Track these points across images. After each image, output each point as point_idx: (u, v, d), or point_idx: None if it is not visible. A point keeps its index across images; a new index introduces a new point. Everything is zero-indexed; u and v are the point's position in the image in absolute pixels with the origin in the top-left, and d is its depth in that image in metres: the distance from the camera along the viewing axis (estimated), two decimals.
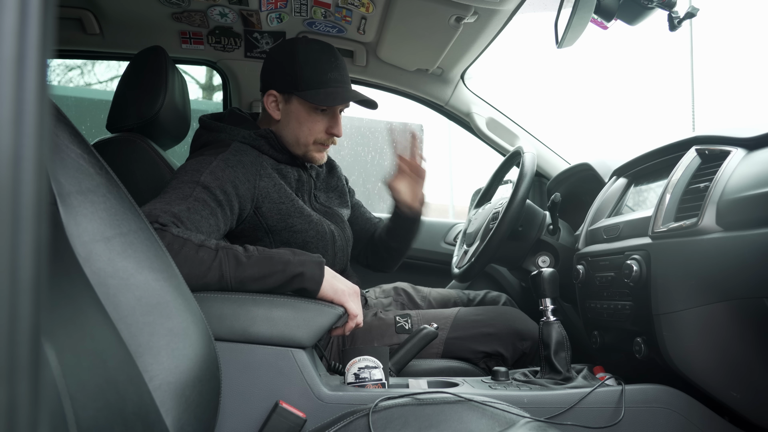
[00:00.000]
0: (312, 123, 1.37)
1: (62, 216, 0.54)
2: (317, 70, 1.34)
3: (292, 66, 1.35)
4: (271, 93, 1.38)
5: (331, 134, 1.39)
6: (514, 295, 1.87)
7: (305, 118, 1.36)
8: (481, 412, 0.85)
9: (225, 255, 1.05)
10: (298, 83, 1.34)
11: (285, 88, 1.36)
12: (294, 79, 1.35)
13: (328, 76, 1.35)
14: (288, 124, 1.38)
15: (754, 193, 0.91)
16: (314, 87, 1.34)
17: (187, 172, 1.21)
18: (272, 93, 1.38)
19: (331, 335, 1.27)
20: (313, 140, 1.38)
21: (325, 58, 1.36)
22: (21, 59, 0.24)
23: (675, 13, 1.26)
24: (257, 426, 0.98)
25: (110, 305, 0.56)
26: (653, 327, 1.08)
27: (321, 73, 1.34)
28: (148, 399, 0.56)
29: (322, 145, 1.40)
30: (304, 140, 1.38)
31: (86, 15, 1.82)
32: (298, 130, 1.37)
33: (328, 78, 1.35)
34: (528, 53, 6.34)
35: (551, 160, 2.02)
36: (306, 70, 1.34)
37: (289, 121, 1.38)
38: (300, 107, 1.36)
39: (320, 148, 1.40)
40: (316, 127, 1.37)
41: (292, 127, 1.37)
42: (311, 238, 1.34)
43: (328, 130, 1.38)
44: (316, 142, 1.39)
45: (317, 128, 1.37)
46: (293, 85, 1.35)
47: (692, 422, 1.07)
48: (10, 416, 0.23)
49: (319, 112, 1.37)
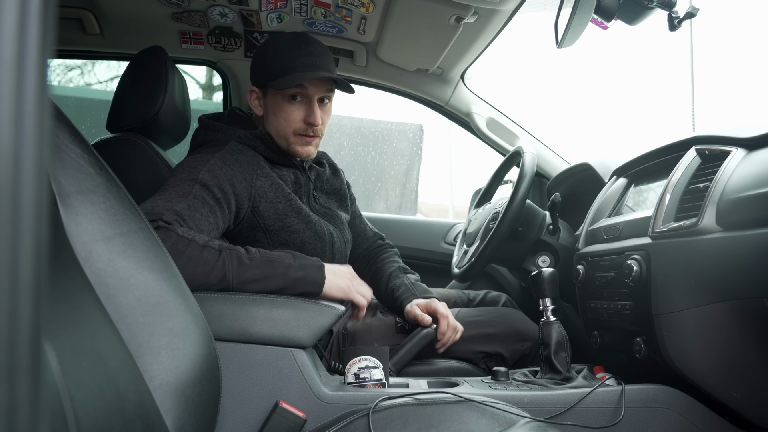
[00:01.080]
0: (288, 113, 1.35)
1: (62, 216, 0.54)
2: (285, 57, 1.34)
3: (264, 59, 1.37)
4: (252, 90, 1.40)
5: (308, 123, 1.35)
6: (514, 295, 1.87)
7: (280, 109, 1.36)
8: (481, 412, 0.85)
9: (228, 255, 1.06)
10: (269, 74, 1.35)
11: (260, 82, 1.38)
12: (266, 71, 1.36)
13: (296, 62, 1.33)
14: (268, 118, 1.39)
15: (754, 193, 0.91)
16: (281, 74, 1.33)
17: (185, 169, 1.22)
18: (253, 89, 1.40)
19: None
20: (292, 130, 1.36)
21: (295, 45, 1.35)
22: (21, 59, 0.24)
23: (675, 13, 1.26)
24: (257, 426, 0.98)
25: (110, 305, 0.56)
26: (653, 327, 1.08)
27: (289, 60, 1.33)
28: (148, 399, 0.56)
29: (303, 136, 1.36)
30: (283, 132, 1.36)
31: (86, 15, 1.82)
32: (276, 122, 1.37)
33: (296, 64, 1.33)
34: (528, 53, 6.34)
35: (551, 160, 2.02)
36: (275, 60, 1.35)
37: (269, 114, 1.39)
38: (274, 98, 1.36)
39: (302, 140, 1.37)
40: (292, 116, 1.35)
41: (272, 120, 1.38)
42: (309, 239, 1.34)
43: (305, 119, 1.35)
44: (296, 133, 1.36)
45: (293, 118, 1.35)
46: (265, 76, 1.36)
47: (692, 422, 1.07)
48: (10, 416, 0.23)
49: (295, 102, 1.35)
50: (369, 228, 1.68)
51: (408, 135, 5.05)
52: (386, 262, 1.60)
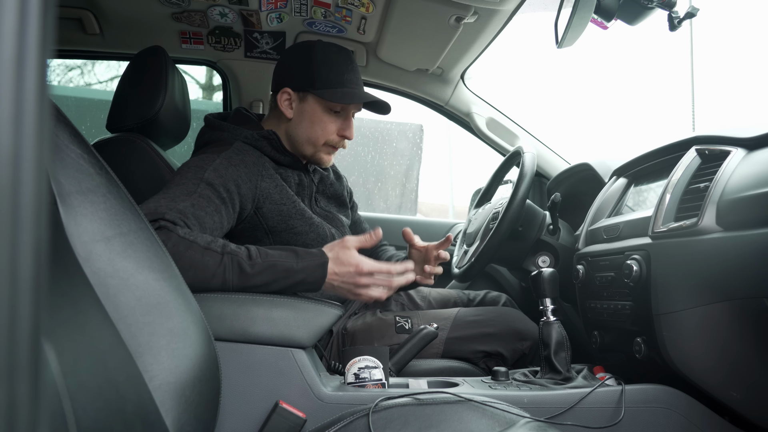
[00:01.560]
0: (325, 123, 1.37)
1: (62, 216, 0.54)
2: (334, 70, 1.35)
3: (309, 65, 1.36)
4: (285, 90, 1.38)
5: (343, 136, 1.40)
6: (514, 295, 1.87)
7: (319, 118, 1.37)
8: (481, 412, 0.85)
9: (230, 261, 1.05)
10: (314, 81, 1.35)
11: (301, 86, 1.37)
12: (311, 77, 1.35)
13: (344, 76, 1.36)
14: (300, 123, 1.38)
15: (754, 193, 0.91)
16: (331, 86, 1.34)
17: (191, 168, 1.21)
18: (287, 90, 1.38)
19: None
20: (324, 141, 1.39)
21: (342, 59, 1.38)
22: (21, 59, 0.24)
23: (675, 13, 1.26)
24: (257, 426, 0.98)
25: (110, 305, 0.56)
26: (653, 327, 1.08)
27: (338, 73, 1.35)
28: (148, 399, 0.56)
29: (332, 147, 1.41)
30: (315, 140, 1.38)
31: (86, 15, 1.82)
32: (311, 129, 1.38)
33: (345, 78, 1.36)
34: (528, 53, 6.34)
35: (551, 160, 2.02)
36: (323, 70, 1.35)
37: (302, 120, 1.38)
38: (315, 106, 1.37)
39: (330, 150, 1.41)
40: (329, 127, 1.38)
41: (305, 126, 1.38)
42: (311, 241, 1.34)
43: (340, 131, 1.39)
44: (327, 144, 1.39)
45: (330, 129, 1.38)
46: (310, 83, 1.35)
47: (692, 422, 1.07)
48: (10, 416, 0.23)
49: (333, 114, 1.38)
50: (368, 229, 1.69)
51: (408, 135, 5.05)
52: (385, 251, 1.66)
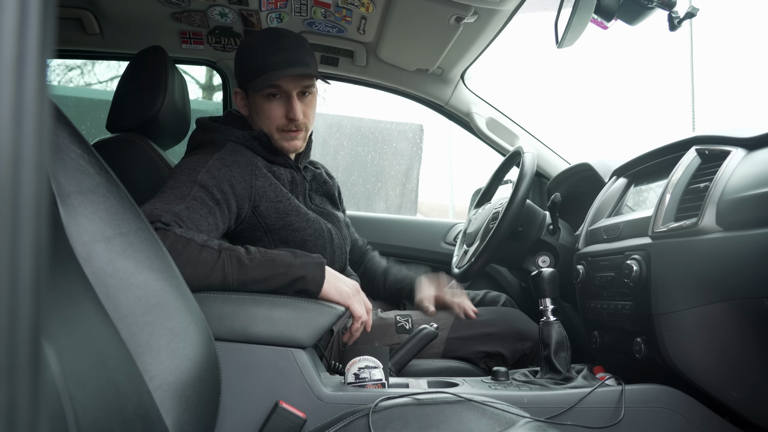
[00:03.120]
0: (269, 111, 1.36)
1: (62, 216, 0.54)
2: (258, 57, 1.35)
3: (241, 60, 1.39)
4: (236, 91, 1.42)
5: (289, 119, 1.36)
6: (514, 295, 1.87)
7: (260, 108, 1.37)
8: (481, 412, 0.85)
9: (228, 257, 1.06)
10: (246, 75, 1.37)
11: (241, 84, 1.40)
12: (243, 72, 1.38)
13: (268, 60, 1.34)
14: (254, 118, 1.40)
15: (754, 193, 0.91)
16: (257, 75, 1.34)
17: (184, 171, 1.22)
18: (237, 91, 1.42)
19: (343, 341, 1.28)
20: (275, 127, 1.37)
21: (267, 43, 1.35)
22: (21, 59, 0.24)
23: (675, 13, 1.26)
24: (257, 426, 0.98)
25: (110, 305, 0.56)
26: (653, 327, 1.08)
27: (261, 59, 1.34)
28: (148, 399, 0.56)
29: (286, 132, 1.38)
30: (267, 129, 1.38)
31: (86, 15, 1.82)
32: (261, 120, 1.38)
33: (269, 62, 1.33)
34: (528, 53, 6.34)
35: (551, 160, 2.02)
36: (249, 60, 1.36)
37: (254, 114, 1.40)
38: (254, 98, 1.38)
39: (286, 135, 1.38)
40: (273, 114, 1.36)
41: (257, 119, 1.39)
42: (309, 237, 1.34)
43: (287, 115, 1.36)
44: (280, 130, 1.37)
45: (274, 115, 1.36)
46: (244, 78, 1.38)
47: (692, 422, 1.07)
48: (10, 416, 0.23)
49: (274, 100, 1.36)
50: (357, 236, 1.75)
51: (408, 135, 5.05)
52: (374, 261, 1.69)
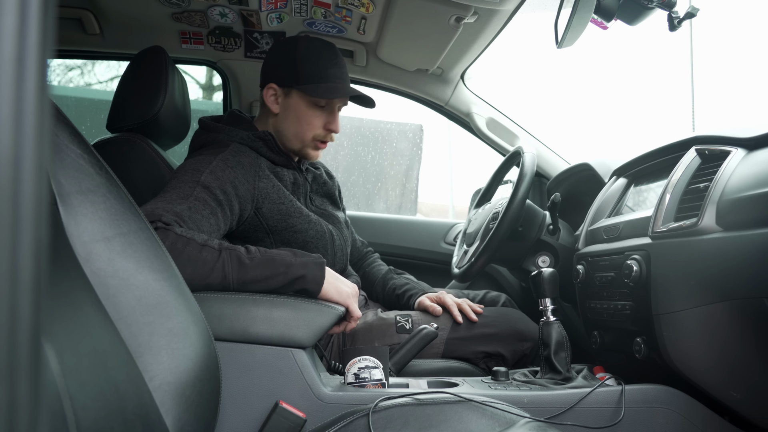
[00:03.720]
0: (310, 118, 1.38)
1: (62, 216, 0.54)
2: (318, 65, 1.36)
3: (293, 60, 1.37)
4: (270, 86, 1.39)
5: (329, 130, 1.40)
6: (514, 295, 1.87)
7: (303, 113, 1.38)
8: (481, 412, 0.85)
9: (228, 256, 1.05)
10: (298, 77, 1.36)
11: (285, 82, 1.38)
12: (294, 73, 1.36)
13: (328, 71, 1.36)
14: (286, 119, 1.39)
15: (754, 193, 0.91)
16: (314, 81, 1.35)
17: (187, 171, 1.22)
18: (272, 86, 1.39)
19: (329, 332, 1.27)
20: (312, 135, 1.39)
21: (326, 54, 1.38)
22: (21, 59, 0.24)
23: (675, 13, 1.26)
24: (257, 426, 0.97)
25: (110, 305, 0.56)
26: (653, 327, 1.08)
27: (321, 68, 1.36)
28: (148, 399, 0.56)
29: (320, 142, 1.41)
30: (301, 134, 1.39)
31: (86, 15, 1.82)
32: (297, 125, 1.38)
33: (328, 73, 1.36)
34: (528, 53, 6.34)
35: (551, 160, 2.02)
36: (307, 65, 1.36)
37: (288, 115, 1.39)
38: (299, 101, 1.37)
39: (317, 145, 1.41)
40: (314, 122, 1.38)
41: (291, 121, 1.39)
42: (311, 238, 1.35)
43: (326, 126, 1.39)
44: (315, 139, 1.40)
45: (315, 123, 1.38)
46: (294, 79, 1.36)
47: (692, 422, 1.07)
48: (10, 416, 0.23)
49: (318, 108, 1.38)
50: (356, 236, 1.75)
51: (408, 135, 5.05)
52: (374, 266, 1.69)
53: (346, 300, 1.13)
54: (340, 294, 1.13)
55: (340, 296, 1.13)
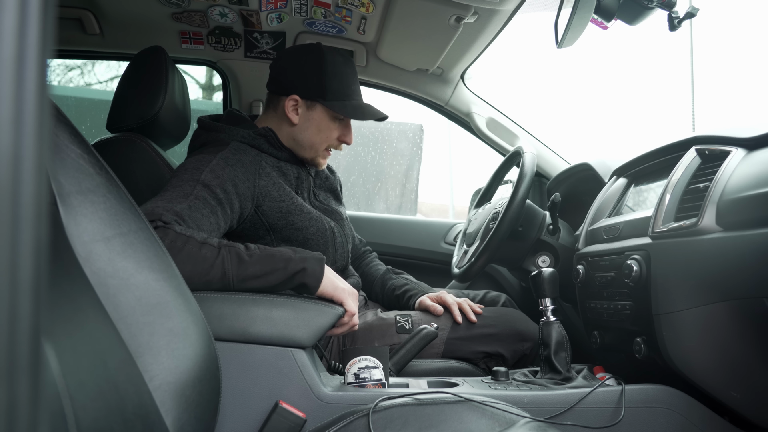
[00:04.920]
0: (330, 131, 1.42)
1: (62, 216, 0.54)
2: (344, 83, 1.40)
3: (320, 75, 1.39)
4: (293, 98, 1.40)
5: (343, 141, 1.45)
6: (514, 295, 1.87)
7: (326, 126, 1.42)
8: (481, 412, 0.85)
9: (227, 253, 1.06)
10: (324, 92, 1.39)
11: (310, 95, 1.40)
12: (321, 88, 1.39)
13: (352, 88, 1.41)
14: (307, 130, 1.41)
15: (754, 193, 0.91)
16: (340, 98, 1.39)
17: (187, 170, 1.22)
18: (294, 98, 1.40)
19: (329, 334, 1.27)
20: (326, 146, 1.44)
21: (349, 71, 1.43)
22: (21, 59, 0.24)
23: (675, 13, 1.26)
24: (257, 426, 0.97)
25: (110, 305, 0.56)
26: (653, 327, 1.08)
27: (346, 85, 1.40)
28: (148, 399, 0.56)
29: (329, 151, 1.46)
30: (317, 145, 1.42)
31: (86, 15, 1.82)
32: (316, 136, 1.42)
33: (352, 90, 1.42)
34: (528, 53, 6.34)
35: (551, 160, 2.02)
36: (333, 82, 1.39)
37: (309, 126, 1.41)
38: (323, 115, 1.41)
39: (327, 154, 1.46)
40: (332, 134, 1.43)
41: (311, 132, 1.41)
42: (312, 235, 1.35)
43: (341, 137, 1.44)
44: (328, 148, 1.45)
45: (332, 135, 1.43)
46: (320, 94, 1.39)
47: (692, 422, 1.07)
48: (10, 416, 0.23)
49: (337, 121, 1.42)
50: (355, 234, 1.74)
51: (408, 135, 5.04)
52: (372, 266, 1.70)
53: (340, 295, 1.13)
54: (335, 289, 1.13)
55: (336, 291, 1.12)
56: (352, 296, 1.16)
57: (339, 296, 1.13)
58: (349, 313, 1.16)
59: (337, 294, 1.13)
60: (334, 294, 1.12)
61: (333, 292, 1.12)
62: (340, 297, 1.13)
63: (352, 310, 1.16)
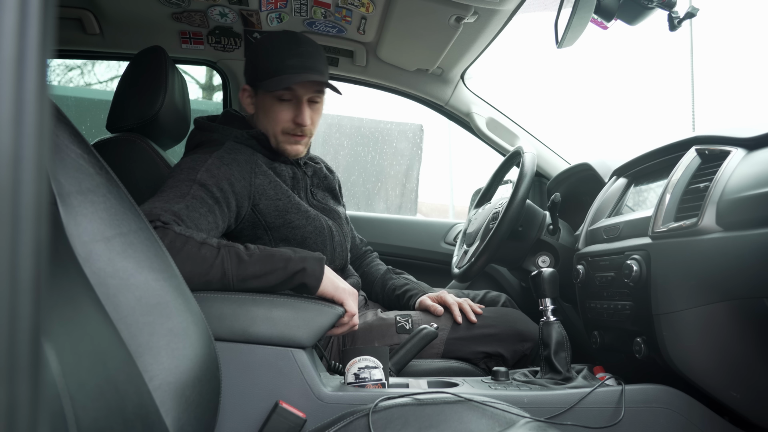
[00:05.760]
0: (277, 113, 1.36)
1: (62, 216, 0.54)
2: (275, 58, 1.35)
3: (256, 58, 1.39)
4: (244, 88, 1.42)
5: (297, 124, 1.36)
6: (514, 295, 1.87)
7: (269, 109, 1.37)
8: (481, 412, 0.85)
9: (227, 253, 1.06)
10: (259, 74, 1.36)
11: (251, 81, 1.40)
12: (256, 70, 1.37)
13: (286, 63, 1.34)
14: (259, 117, 1.40)
15: (754, 193, 0.91)
16: (272, 75, 1.34)
17: (183, 170, 1.22)
18: (245, 88, 1.41)
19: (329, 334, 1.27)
20: (280, 129, 1.37)
21: (285, 45, 1.36)
22: (21, 59, 0.24)
23: (675, 13, 1.26)
24: (257, 426, 0.97)
25: (110, 305, 0.56)
26: (653, 327, 1.08)
27: (279, 60, 1.34)
28: (148, 399, 0.56)
29: (291, 135, 1.38)
30: (272, 130, 1.38)
31: (86, 15, 1.82)
32: (266, 121, 1.38)
33: (286, 65, 1.34)
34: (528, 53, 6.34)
35: (551, 160, 2.02)
36: (265, 60, 1.36)
37: (260, 113, 1.40)
38: (265, 98, 1.37)
39: (290, 139, 1.38)
40: (281, 116, 1.36)
41: (262, 119, 1.39)
42: (310, 234, 1.35)
43: (294, 119, 1.36)
44: (284, 132, 1.37)
45: (282, 118, 1.36)
46: (256, 76, 1.37)
47: (692, 422, 1.07)
48: (10, 416, 0.23)
49: (284, 102, 1.36)
50: (356, 234, 1.73)
51: (408, 135, 5.05)
52: (373, 266, 1.69)
53: (341, 295, 1.13)
54: (336, 289, 1.13)
55: (336, 291, 1.12)
56: (352, 296, 1.16)
57: (339, 296, 1.13)
58: (349, 313, 1.15)
59: (338, 294, 1.12)
60: (335, 294, 1.12)
61: (333, 292, 1.12)
62: (341, 297, 1.13)
63: (352, 310, 1.15)
